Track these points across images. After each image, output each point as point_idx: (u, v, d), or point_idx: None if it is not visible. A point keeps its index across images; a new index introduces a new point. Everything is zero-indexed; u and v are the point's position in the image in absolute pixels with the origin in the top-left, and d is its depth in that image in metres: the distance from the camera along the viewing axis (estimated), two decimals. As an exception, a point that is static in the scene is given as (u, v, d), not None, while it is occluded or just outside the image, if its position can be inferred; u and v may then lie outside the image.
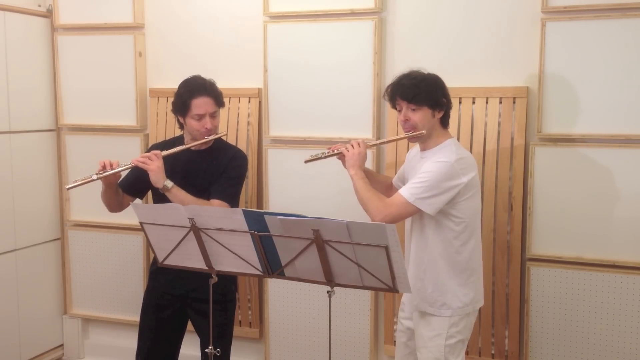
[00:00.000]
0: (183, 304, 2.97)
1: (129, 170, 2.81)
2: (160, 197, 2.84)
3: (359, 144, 2.64)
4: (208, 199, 2.83)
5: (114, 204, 2.97)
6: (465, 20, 3.19)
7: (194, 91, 2.84)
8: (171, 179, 2.76)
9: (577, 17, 2.98)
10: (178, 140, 2.99)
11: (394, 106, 2.63)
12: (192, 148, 2.90)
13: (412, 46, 3.29)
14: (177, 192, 2.73)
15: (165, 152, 2.81)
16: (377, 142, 2.93)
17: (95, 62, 3.84)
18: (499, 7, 3.13)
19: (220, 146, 2.96)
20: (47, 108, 3.98)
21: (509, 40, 3.13)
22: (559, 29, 3.00)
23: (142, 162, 2.74)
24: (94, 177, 2.73)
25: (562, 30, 2.99)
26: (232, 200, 2.85)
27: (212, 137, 2.88)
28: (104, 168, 2.75)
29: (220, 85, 3.37)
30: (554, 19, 3.01)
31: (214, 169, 2.88)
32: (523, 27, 3.10)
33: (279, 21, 3.47)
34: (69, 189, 2.81)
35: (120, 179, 2.96)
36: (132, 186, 2.97)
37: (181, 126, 2.95)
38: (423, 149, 2.64)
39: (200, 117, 2.83)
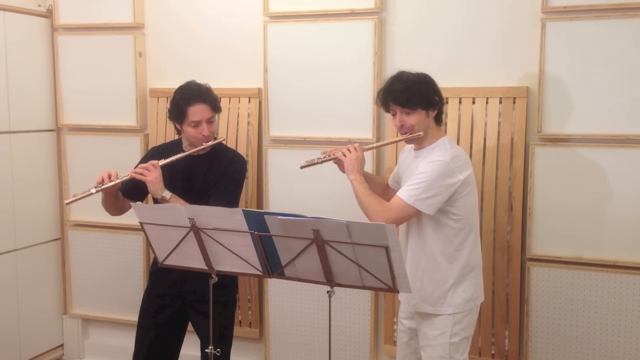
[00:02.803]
0: (183, 304, 2.97)
1: (127, 181, 2.80)
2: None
3: (355, 148, 2.63)
4: (207, 203, 2.82)
5: (115, 210, 2.98)
6: (466, 20, 3.19)
7: (190, 98, 2.82)
8: (170, 183, 2.77)
9: (577, 17, 2.98)
10: (177, 144, 2.99)
11: (387, 110, 2.63)
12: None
13: (412, 46, 3.29)
14: (175, 202, 2.73)
15: (162, 162, 2.81)
16: (374, 145, 2.91)
17: (95, 62, 3.84)
18: (499, 7, 3.13)
19: (219, 150, 2.95)
20: (47, 108, 3.98)
21: (509, 40, 3.13)
22: (559, 29, 3.00)
23: (140, 174, 2.75)
24: (93, 190, 2.74)
25: (562, 30, 2.99)
26: (231, 204, 2.84)
27: (210, 143, 2.86)
28: (102, 182, 2.76)
29: (220, 85, 3.38)
30: (554, 19, 3.01)
31: (213, 173, 2.88)
32: (523, 27, 3.10)
33: (279, 21, 3.47)
34: (67, 203, 2.83)
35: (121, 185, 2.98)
36: (132, 190, 2.97)
37: (179, 132, 2.95)
38: (417, 148, 2.63)
39: (197, 124, 2.82)
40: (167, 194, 2.74)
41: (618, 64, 2.94)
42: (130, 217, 2.88)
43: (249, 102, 3.58)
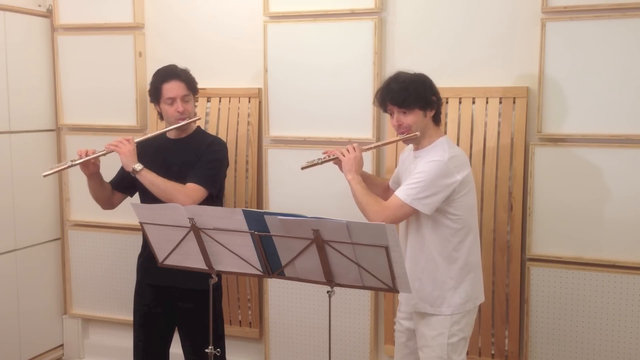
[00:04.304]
0: (169, 300, 2.98)
1: (104, 155, 2.84)
2: (145, 194, 2.87)
3: (354, 148, 2.65)
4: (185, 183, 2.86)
5: (103, 199, 3.01)
6: (465, 20, 3.19)
7: (165, 76, 2.92)
8: (151, 166, 2.80)
9: (577, 17, 2.98)
10: (161, 135, 3.02)
11: (384, 110, 2.64)
12: (171, 136, 2.97)
13: (412, 46, 3.29)
14: (146, 174, 2.77)
15: (138, 139, 2.88)
16: (372, 145, 2.92)
17: (95, 62, 3.83)
18: (499, 7, 3.13)
19: (198, 136, 3.01)
20: (47, 108, 3.98)
21: (509, 40, 3.13)
22: (559, 29, 3.00)
23: (115, 146, 2.80)
24: (69, 163, 2.80)
25: (562, 30, 2.99)
26: (209, 183, 2.86)
27: (186, 121, 2.92)
28: (80, 157, 2.81)
29: (220, 85, 3.38)
30: (554, 19, 3.01)
31: (191, 158, 2.91)
32: (523, 27, 3.10)
33: (279, 21, 3.47)
34: (45, 175, 2.90)
35: (111, 179, 3.04)
36: (120, 182, 3.03)
37: (161, 116, 3.00)
38: (416, 149, 2.64)
39: (173, 101, 2.89)
40: (138, 166, 2.77)
41: (618, 64, 2.94)
42: (130, 217, 2.89)
43: (249, 102, 3.58)
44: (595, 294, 3.05)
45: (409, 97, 2.52)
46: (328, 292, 2.39)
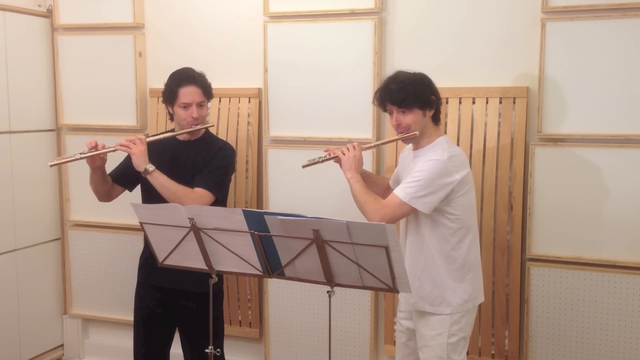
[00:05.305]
0: (170, 301, 2.97)
1: (112, 152, 2.82)
2: (149, 193, 2.86)
3: (354, 147, 2.65)
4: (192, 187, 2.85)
5: (102, 192, 2.99)
6: (465, 20, 3.19)
7: (182, 80, 2.89)
8: (159, 166, 2.79)
9: (577, 17, 2.98)
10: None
11: (384, 110, 2.65)
12: (180, 138, 2.95)
13: (412, 46, 3.29)
14: (158, 176, 2.75)
15: (150, 138, 2.86)
16: (372, 144, 2.93)
17: (95, 62, 3.84)
18: (499, 7, 3.13)
19: (208, 139, 3.00)
20: (47, 108, 3.98)
21: (509, 40, 3.13)
22: (559, 29, 3.00)
23: (126, 146, 2.77)
24: (78, 156, 2.77)
25: (562, 31, 2.99)
26: (217, 189, 2.87)
27: (199, 127, 2.90)
28: (91, 149, 2.79)
29: (220, 85, 3.37)
30: (554, 19, 3.01)
31: (200, 161, 2.90)
32: (523, 27, 3.10)
33: (279, 21, 3.47)
34: (52, 165, 2.88)
35: (112, 170, 3.02)
36: (121, 176, 3.01)
37: (171, 117, 2.99)
38: (416, 148, 2.65)
39: (187, 106, 2.87)
40: (150, 167, 2.75)
41: (618, 64, 2.94)
42: (130, 217, 2.88)
43: (249, 102, 3.58)
44: (595, 294, 3.05)
45: (408, 96, 2.52)
46: (328, 292, 2.39)
